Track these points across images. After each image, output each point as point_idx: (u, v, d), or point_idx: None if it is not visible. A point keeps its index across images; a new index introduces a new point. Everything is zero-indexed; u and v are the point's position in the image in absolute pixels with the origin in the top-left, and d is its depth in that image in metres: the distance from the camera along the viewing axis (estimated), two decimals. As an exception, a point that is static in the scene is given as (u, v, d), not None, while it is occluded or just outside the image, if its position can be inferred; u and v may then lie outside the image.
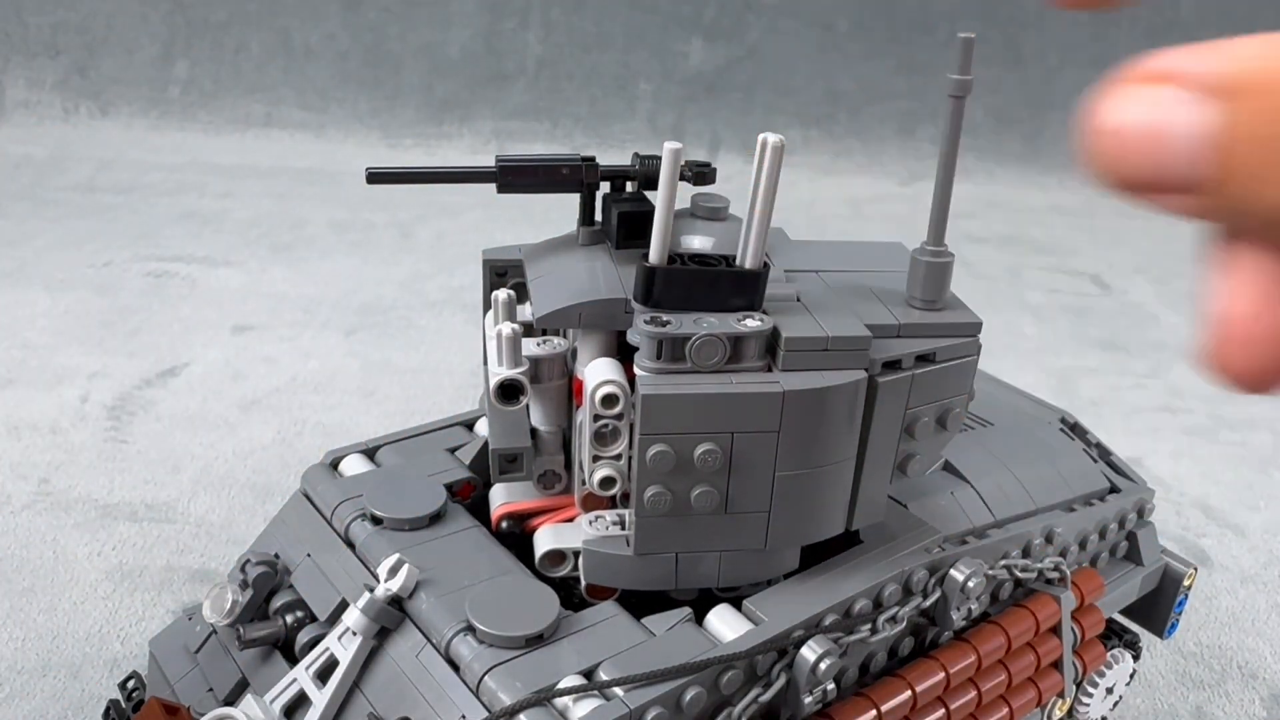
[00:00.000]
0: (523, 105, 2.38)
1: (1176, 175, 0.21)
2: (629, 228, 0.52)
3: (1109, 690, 0.73)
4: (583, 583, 0.52)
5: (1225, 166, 0.20)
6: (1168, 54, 0.21)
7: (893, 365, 0.49)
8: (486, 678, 0.46)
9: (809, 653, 0.49)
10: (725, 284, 0.47)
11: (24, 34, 2.36)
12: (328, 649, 0.51)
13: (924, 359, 0.50)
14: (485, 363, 0.54)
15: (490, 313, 0.55)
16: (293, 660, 0.53)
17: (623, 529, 0.51)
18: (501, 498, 0.58)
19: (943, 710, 0.57)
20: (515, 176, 0.51)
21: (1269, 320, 0.21)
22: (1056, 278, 1.79)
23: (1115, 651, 0.72)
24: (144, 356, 1.35)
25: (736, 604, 0.51)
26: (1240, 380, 0.22)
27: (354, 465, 0.63)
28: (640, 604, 0.52)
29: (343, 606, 0.53)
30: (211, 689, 0.56)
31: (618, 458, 0.50)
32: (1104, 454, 0.74)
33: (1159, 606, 0.75)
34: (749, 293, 0.47)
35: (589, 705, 0.45)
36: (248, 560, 0.56)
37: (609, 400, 0.48)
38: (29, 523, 1.00)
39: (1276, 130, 0.20)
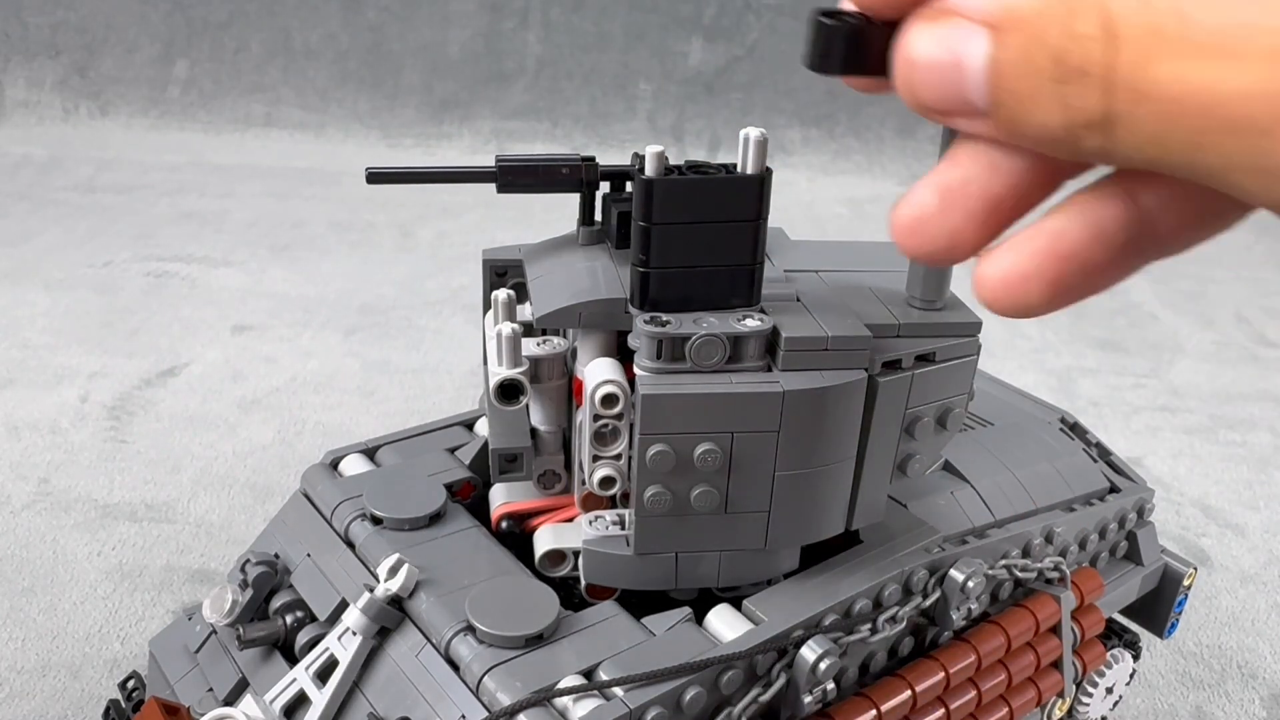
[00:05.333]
0: (523, 105, 2.38)
1: (962, 101, 0.24)
2: (629, 227, 0.52)
3: (1109, 690, 0.73)
4: (583, 583, 0.52)
5: (997, 92, 0.23)
6: None
7: (893, 365, 0.49)
8: (486, 678, 0.46)
9: (809, 653, 0.49)
10: (723, 279, 0.47)
11: (24, 34, 2.36)
12: (328, 649, 0.51)
13: (924, 359, 0.50)
14: (485, 363, 0.54)
15: (490, 313, 0.55)
16: (293, 660, 0.53)
17: (623, 529, 0.51)
18: (501, 498, 0.58)
19: (943, 710, 0.57)
20: (515, 176, 0.51)
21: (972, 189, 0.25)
22: (1056, 278, 1.79)
23: (1115, 651, 0.72)
24: (144, 356, 1.35)
25: (736, 604, 0.51)
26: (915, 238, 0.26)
27: (354, 465, 0.63)
28: (640, 604, 0.52)
29: (343, 606, 0.53)
30: (211, 689, 0.56)
31: (618, 457, 0.50)
32: (1104, 454, 0.74)
33: (1159, 606, 0.75)
34: (746, 284, 0.47)
35: (589, 705, 0.45)
36: (248, 560, 0.56)
37: (609, 400, 0.48)
38: (29, 523, 1.00)
39: (1036, 58, 0.22)
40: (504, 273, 0.59)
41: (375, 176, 0.52)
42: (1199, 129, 0.20)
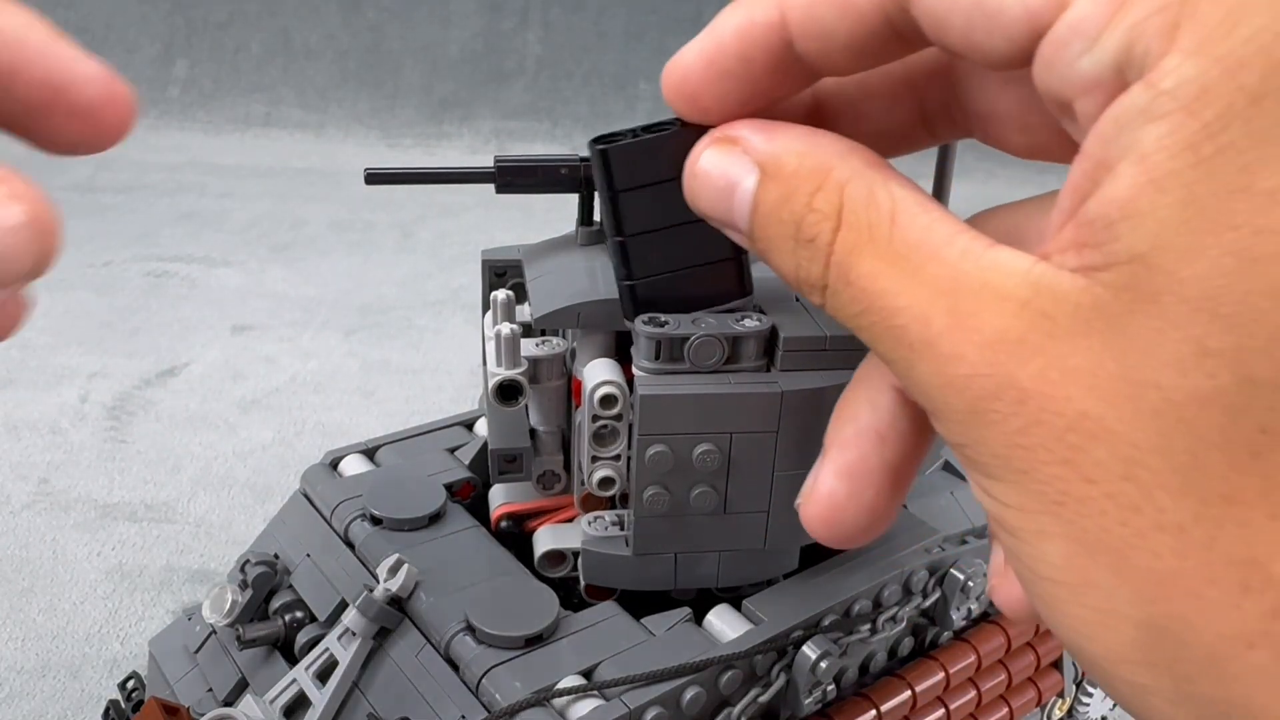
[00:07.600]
0: (523, 105, 2.38)
1: (730, 219, 0.27)
2: (628, 228, 0.52)
3: (1109, 690, 0.73)
4: (582, 583, 0.52)
5: (752, 225, 0.26)
6: (743, 123, 0.28)
7: (892, 365, 0.49)
8: (486, 678, 0.46)
9: (809, 653, 0.49)
10: (707, 275, 0.45)
11: (24, 34, 2.36)
12: (327, 649, 0.51)
13: (923, 359, 0.50)
14: (485, 363, 0.54)
15: (489, 313, 0.55)
16: (293, 660, 0.53)
17: (622, 529, 0.51)
18: (501, 498, 0.58)
19: (943, 710, 0.57)
20: (514, 177, 0.51)
21: None
22: (1056, 277, 1.79)
23: (1115, 651, 0.72)
24: (144, 356, 1.35)
25: (736, 604, 0.51)
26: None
27: (354, 465, 0.63)
28: (640, 604, 0.52)
29: (342, 607, 0.53)
30: (211, 689, 0.56)
31: (616, 458, 0.50)
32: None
33: (1159, 606, 0.75)
34: (733, 277, 0.46)
35: (589, 705, 0.45)
36: (247, 560, 0.56)
37: (607, 401, 0.48)
38: (29, 523, 1.00)
39: (783, 215, 0.25)
40: (503, 273, 0.59)
41: (374, 178, 0.52)
42: (877, 324, 0.24)
